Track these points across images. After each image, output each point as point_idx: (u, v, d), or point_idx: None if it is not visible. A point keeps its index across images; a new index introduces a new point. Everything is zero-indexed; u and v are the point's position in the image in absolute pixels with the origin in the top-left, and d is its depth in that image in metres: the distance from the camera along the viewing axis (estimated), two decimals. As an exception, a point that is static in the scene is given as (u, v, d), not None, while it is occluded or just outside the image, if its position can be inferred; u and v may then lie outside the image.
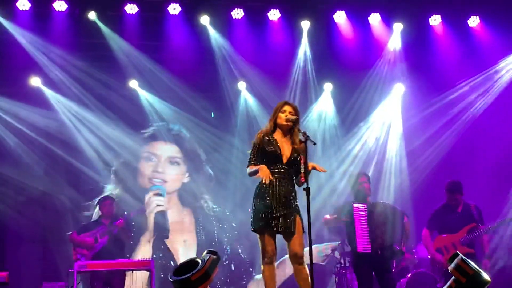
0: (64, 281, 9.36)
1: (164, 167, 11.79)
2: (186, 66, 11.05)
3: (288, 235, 6.17)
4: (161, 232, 11.51)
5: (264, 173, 6.07)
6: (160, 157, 11.81)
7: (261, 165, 6.14)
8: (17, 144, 10.79)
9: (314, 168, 6.16)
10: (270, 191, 6.16)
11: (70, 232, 9.75)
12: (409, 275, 9.81)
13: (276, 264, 6.35)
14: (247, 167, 6.30)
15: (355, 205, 8.32)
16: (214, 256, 5.93)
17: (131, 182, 11.51)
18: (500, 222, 9.00)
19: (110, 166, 11.40)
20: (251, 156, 6.34)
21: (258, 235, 6.19)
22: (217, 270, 5.93)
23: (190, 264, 5.88)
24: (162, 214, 11.60)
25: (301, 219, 6.21)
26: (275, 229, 6.13)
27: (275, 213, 6.13)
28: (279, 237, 6.16)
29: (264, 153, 6.26)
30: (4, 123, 10.81)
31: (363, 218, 8.32)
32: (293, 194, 6.19)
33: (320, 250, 10.68)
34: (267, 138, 6.32)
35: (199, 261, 5.85)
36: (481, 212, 8.81)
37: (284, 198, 6.15)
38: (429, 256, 9.22)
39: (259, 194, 6.22)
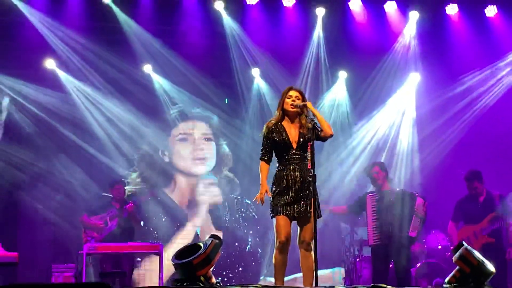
0: (74, 263, 9.40)
1: (202, 145, 11.83)
2: (199, 51, 11.06)
3: (302, 221, 6.23)
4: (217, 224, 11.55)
5: (259, 193, 6.26)
6: (194, 136, 11.87)
7: (263, 183, 6.29)
8: (31, 128, 10.84)
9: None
10: (286, 176, 6.25)
11: (81, 215, 9.84)
12: (418, 264, 9.80)
13: (287, 279, 6.38)
14: (260, 158, 6.44)
15: (369, 195, 8.40)
16: (217, 241, 5.96)
17: (149, 171, 11.54)
18: None
19: (123, 151, 11.40)
20: (263, 150, 6.45)
21: (274, 221, 6.25)
22: (219, 254, 5.96)
23: (192, 248, 5.92)
24: (217, 208, 11.69)
25: (317, 204, 6.25)
26: (290, 214, 6.20)
27: (291, 199, 6.21)
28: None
29: (274, 143, 6.34)
30: (20, 106, 10.85)
31: (374, 209, 8.35)
32: (309, 179, 6.19)
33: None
34: (274, 127, 6.37)
35: (202, 245, 5.88)
36: (506, 200, 8.76)
37: (300, 183, 6.22)
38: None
39: (276, 180, 6.32)
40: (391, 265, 8.57)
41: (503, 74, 10.96)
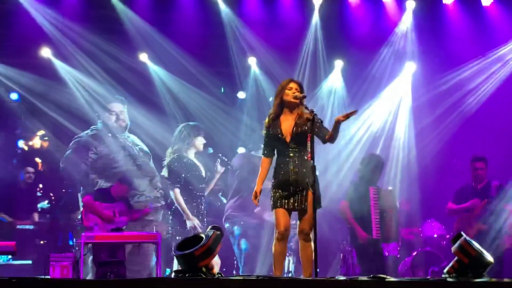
0: (71, 251, 9.39)
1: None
2: (196, 40, 11.04)
3: (301, 212, 6.33)
4: None
5: (253, 195, 6.46)
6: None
7: (258, 182, 6.47)
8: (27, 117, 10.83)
9: (346, 117, 6.29)
10: (283, 170, 6.36)
11: (83, 194, 9.81)
12: (414, 253, 9.87)
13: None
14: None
15: (372, 188, 8.46)
16: (218, 232, 5.99)
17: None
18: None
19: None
20: (263, 145, 6.60)
21: (273, 213, 6.38)
22: (220, 245, 6.00)
23: (194, 239, 5.95)
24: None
25: (316, 196, 6.30)
26: (290, 206, 6.31)
27: (287, 192, 6.31)
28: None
29: (272, 138, 6.47)
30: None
31: (376, 202, 8.44)
32: (305, 170, 6.26)
33: None
34: (272, 122, 6.48)
35: (203, 236, 5.92)
36: (502, 190, 8.87)
37: (296, 176, 6.30)
38: None
39: (275, 174, 6.44)
40: None
41: (502, 63, 10.93)
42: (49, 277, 8.20)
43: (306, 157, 6.34)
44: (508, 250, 8.73)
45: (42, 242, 10.51)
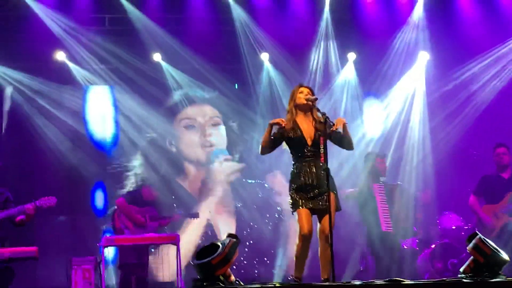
0: (93, 254, 9.50)
1: (209, 130, 11.78)
2: (207, 38, 11.01)
3: (321, 214, 6.33)
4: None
5: (275, 120, 6.40)
6: (200, 121, 11.77)
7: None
8: (43, 123, 10.89)
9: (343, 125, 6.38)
10: (303, 174, 6.37)
11: (118, 198, 9.96)
12: (433, 246, 9.86)
13: None
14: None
15: (376, 184, 8.46)
16: (234, 240, 6.03)
17: (159, 162, 11.49)
18: None
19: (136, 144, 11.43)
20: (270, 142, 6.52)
21: (295, 215, 6.36)
22: (237, 253, 6.03)
23: (211, 247, 5.99)
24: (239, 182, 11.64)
25: (336, 197, 6.38)
26: (310, 208, 6.31)
27: (309, 194, 6.33)
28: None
29: (289, 140, 6.45)
30: (31, 101, 10.90)
31: (383, 197, 8.42)
32: (323, 173, 6.24)
33: None
34: (291, 126, 6.44)
35: (220, 244, 5.95)
36: None
37: (317, 178, 6.33)
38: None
39: (293, 178, 6.44)
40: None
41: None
42: None
43: (320, 160, 6.35)
44: None
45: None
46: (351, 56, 11.38)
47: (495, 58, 10.75)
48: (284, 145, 6.53)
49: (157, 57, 11.25)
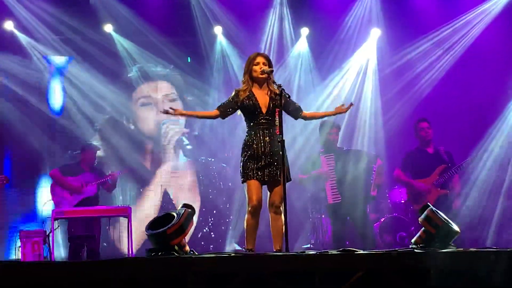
0: (41, 227, 9.36)
1: (165, 107, 11.61)
2: (160, 10, 10.90)
3: (272, 184, 6.32)
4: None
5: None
6: (156, 98, 11.69)
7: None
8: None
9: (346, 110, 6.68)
10: (256, 142, 6.32)
11: (52, 169, 9.82)
12: (382, 219, 10.03)
13: None
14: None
15: (322, 156, 8.50)
16: (189, 210, 6.01)
17: (115, 138, 11.41)
18: (469, 160, 9.14)
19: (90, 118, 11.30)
20: (222, 104, 6.51)
21: (245, 186, 6.32)
22: (192, 223, 6.02)
23: (166, 217, 5.97)
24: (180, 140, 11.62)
25: (287, 169, 6.33)
26: (261, 179, 6.28)
27: (261, 163, 6.28)
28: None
29: (243, 107, 6.39)
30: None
31: (331, 169, 8.47)
32: (278, 143, 6.22)
33: None
34: (244, 93, 6.40)
35: (175, 214, 5.93)
36: (452, 155, 8.97)
37: (269, 148, 6.29)
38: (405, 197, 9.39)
39: (246, 146, 6.38)
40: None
41: (470, 27, 10.87)
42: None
43: (275, 131, 6.35)
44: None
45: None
46: (304, 31, 11.39)
47: (446, 35, 10.92)
48: (238, 112, 6.49)
49: (108, 28, 11.07)
